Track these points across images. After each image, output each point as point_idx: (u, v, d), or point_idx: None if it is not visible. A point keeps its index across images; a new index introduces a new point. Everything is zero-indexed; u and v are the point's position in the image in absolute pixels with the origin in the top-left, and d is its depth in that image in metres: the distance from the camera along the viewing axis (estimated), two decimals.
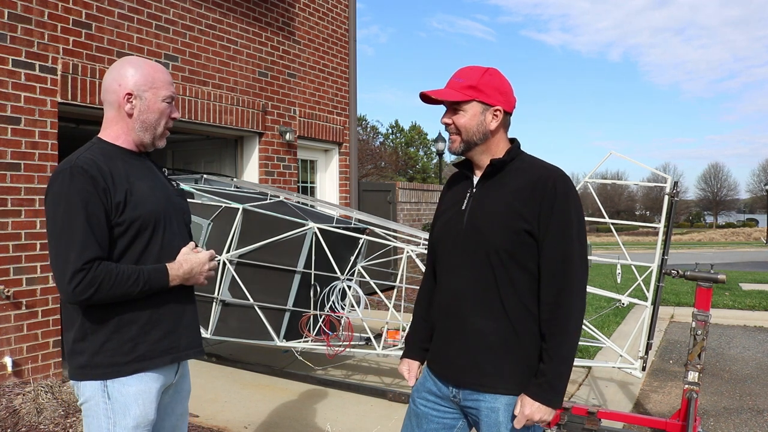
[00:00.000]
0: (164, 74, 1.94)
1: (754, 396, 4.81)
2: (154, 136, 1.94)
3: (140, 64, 1.92)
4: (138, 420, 1.82)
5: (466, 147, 1.88)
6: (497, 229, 1.79)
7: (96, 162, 1.79)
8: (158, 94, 1.90)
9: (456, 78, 1.88)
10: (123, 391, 1.81)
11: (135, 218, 1.80)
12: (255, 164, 6.92)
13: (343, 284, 4.54)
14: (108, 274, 1.73)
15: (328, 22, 7.98)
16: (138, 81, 1.88)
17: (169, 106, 1.94)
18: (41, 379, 4.41)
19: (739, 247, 30.08)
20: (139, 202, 1.82)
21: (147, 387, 1.84)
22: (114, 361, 1.80)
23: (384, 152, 35.40)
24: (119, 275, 1.75)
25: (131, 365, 1.82)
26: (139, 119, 1.90)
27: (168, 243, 1.90)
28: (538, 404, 1.73)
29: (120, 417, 1.81)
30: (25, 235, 4.57)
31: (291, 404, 4.31)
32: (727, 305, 8.56)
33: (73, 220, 1.72)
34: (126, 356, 1.81)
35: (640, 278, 3.71)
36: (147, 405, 1.84)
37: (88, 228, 1.72)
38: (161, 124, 1.93)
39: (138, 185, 1.85)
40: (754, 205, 77.13)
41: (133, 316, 1.82)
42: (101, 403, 1.81)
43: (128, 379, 1.81)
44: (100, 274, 1.71)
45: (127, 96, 1.88)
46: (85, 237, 1.71)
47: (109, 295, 1.74)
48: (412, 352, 2.11)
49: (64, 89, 4.79)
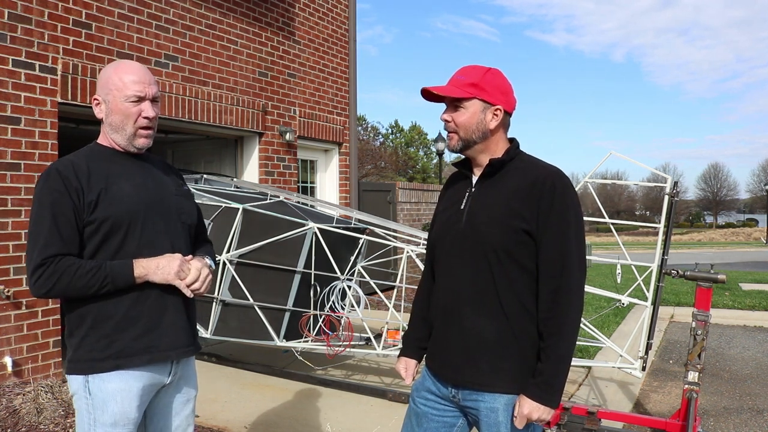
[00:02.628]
0: (131, 74, 1.89)
1: (754, 396, 4.81)
2: (126, 136, 1.91)
3: (112, 67, 1.93)
4: (116, 417, 1.83)
5: (464, 145, 1.88)
6: (496, 228, 1.79)
7: (73, 163, 1.85)
8: (119, 95, 1.87)
9: (458, 76, 1.88)
10: (102, 387, 1.83)
11: (106, 217, 1.82)
12: (255, 164, 6.92)
13: (343, 284, 4.54)
14: (68, 268, 1.76)
15: (328, 22, 7.98)
16: (103, 85, 1.90)
17: (135, 105, 1.89)
18: (41, 379, 4.41)
19: (739, 247, 30.07)
20: (114, 201, 1.84)
21: (127, 385, 1.84)
22: (92, 356, 1.83)
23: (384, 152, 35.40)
24: (79, 269, 1.77)
25: (108, 361, 1.83)
26: (107, 122, 1.92)
27: (147, 242, 1.89)
28: (536, 403, 1.73)
29: (99, 413, 1.83)
30: (25, 235, 4.54)
31: (291, 404, 4.31)
32: (727, 305, 8.55)
33: (41, 219, 1.79)
34: (102, 352, 1.83)
35: (640, 278, 3.71)
36: (126, 403, 1.84)
37: (54, 226, 1.77)
38: (129, 124, 1.89)
39: (118, 185, 1.87)
40: (754, 205, 77.10)
41: (109, 313, 1.84)
42: (83, 398, 1.84)
43: (108, 376, 1.83)
44: (60, 268, 1.75)
45: (95, 101, 1.93)
46: (50, 235, 1.77)
47: (69, 287, 1.77)
48: (409, 351, 2.12)
49: (64, 89, 4.80)
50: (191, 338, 2.03)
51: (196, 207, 2.15)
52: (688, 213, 75.44)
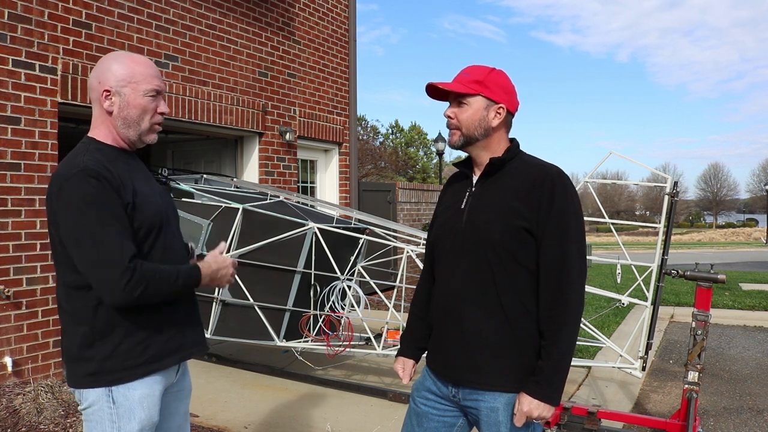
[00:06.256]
0: (146, 67, 1.84)
1: (754, 396, 4.81)
2: (139, 132, 1.84)
3: (120, 58, 1.84)
4: (143, 424, 1.78)
5: (465, 141, 1.89)
6: (496, 227, 1.79)
7: (102, 163, 1.74)
8: (138, 88, 1.81)
9: (463, 73, 1.90)
10: (128, 395, 1.76)
11: (143, 220, 1.76)
12: (255, 164, 6.92)
13: (343, 284, 4.54)
14: (153, 273, 1.69)
15: (328, 22, 7.98)
16: (117, 76, 1.81)
17: (153, 100, 1.84)
18: (41, 379, 4.41)
19: (739, 247, 30.06)
20: (144, 203, 1.78)
21: (151, 390, 1.80)
22: (126, 365, 1.75)
23: (384, 152, 35.39)
24: (161, 273, 1.71)
25: (142, 368, 1.77)
26: (120, 116, 1.82)
27: (169, 245, 1.87)
28: (536, 401, 1.74)
29: (125, 422, 1.75)
30: (26, 235, 4.57)
31: (291, 404, 4.31)
32: (727, 305, 8.56)
33: (105, 223, 1.66)
34: (138, 359, 1.76)
35: (640, 278, 3.71)
36: (151, 408, 1.80)
37: (121, 228, 1.69)
38: (145, 119, 1.84)
39: (139, 186, 1.81)
40: (754, 205, 77.11)
41: (147, 317, 1.78)
42: (105, 408, 1.75)
43: (135, 383, 1.77)
44: (146, 272, 1.68)
45: (105, 93, 1.81)
46: (122, 236, 1.68)
47: (154, 292, 1.71)
48: (407, 351, 2.12)
49: (64, 89, 4.80)
50: (204, 335, 2.05)
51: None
52: (688, 213, 75.45)
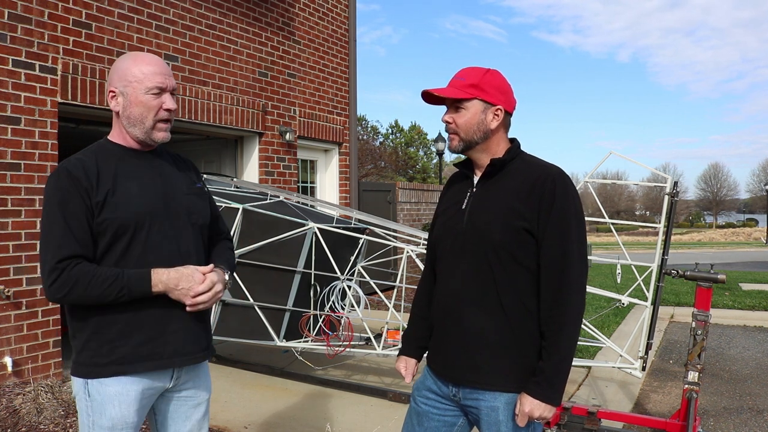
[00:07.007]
0: (151, 66, 1.84)
1: (754, 396, 4.81)
2: (144, 130, 1.85)
3: (126, 59, 1.86)
4: (114, 421, 1.80)
5: (465, 145, 1.89)
6: (497, 227, 1.79)
7: (83, 162, 1.79)
8: (139, 87, 1.82)
9: (458, 77, 1.89)
10: (101, 390, 1.80)
11: (112, 219, 1.77)
12: (255, 164, 6.92)
13: (343, 284, 4.54)
14: (84, 275, 1.71)
15: (328, 22, 7.98)
16: (120, 77, 1.84)
17: (156, 98, 1.84)
18: (41, 379, 4.41)
19: (739, 247, 30.05)
20: (120, 203, 1.79)
21: (125, 389, 1.81)
22: (93, 361, 1.79)
23: (384, 152, 35.39)
24: (96, 277, 1.72)
25: (110, 367, 1.79)
26: (125, 115, 1.85)
27: (153, 245, 1.83)
28: (537, 401, 1.74)
29: (97, 416, 1.80)
30: (25, 235, 4.57)
31: (291, 404, 4.31)
32: (727, 305, 8.56)
33: (53, 220, 1.74)
34: (105, 358, 1.79)
35: (640, 278, 3.71)
36: (124, 407, 1.81)
37: (67, 227, 1.73)
38: (148, 117, 1.84)
39: (125, 185, 1.82)
40: (754, 205, 77.11)
41: (113, 318, 1.78)
42: (83, 400, 1.82)
43: (108, 380, 1.80)
44: (75, 274, 1.71)
45: (111, 94, 1.86)
46: (63, 236, 1.72)
47: (84, 295, 1.72)
48: (409, 350, 2.12)
49: (64, 89, 4.80)
50: (202, 343, 1.96)
51: (211, 205, 2.08)
52: (688, 213, 75.46)
